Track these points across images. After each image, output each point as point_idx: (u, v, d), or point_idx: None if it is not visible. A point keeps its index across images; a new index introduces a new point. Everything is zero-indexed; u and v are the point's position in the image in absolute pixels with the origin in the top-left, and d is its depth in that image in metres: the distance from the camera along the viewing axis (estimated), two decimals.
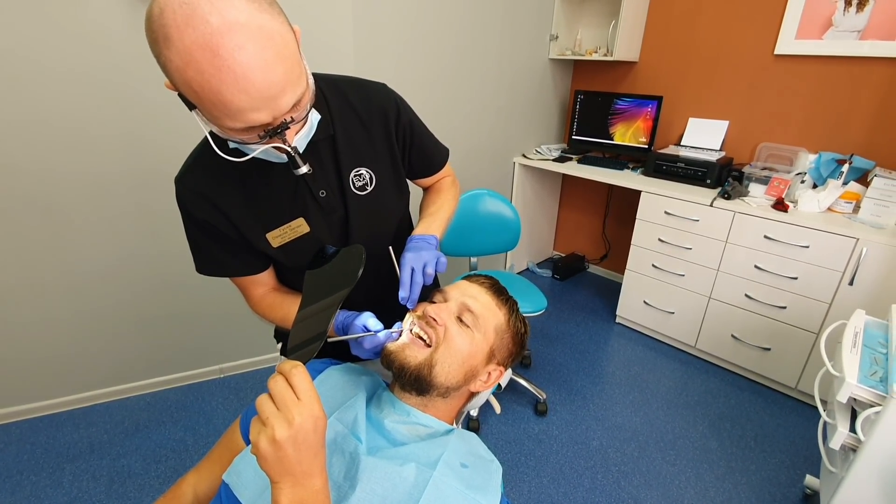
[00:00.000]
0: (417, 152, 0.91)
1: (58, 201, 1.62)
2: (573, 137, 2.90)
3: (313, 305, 0.66)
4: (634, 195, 2.38)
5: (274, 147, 0.62)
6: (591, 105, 2.77)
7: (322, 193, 0.79)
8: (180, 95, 0.57)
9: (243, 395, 2.03)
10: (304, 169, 0.65)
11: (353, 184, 0.81)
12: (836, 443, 1.21)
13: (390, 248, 0.82)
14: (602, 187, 3.06)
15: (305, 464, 0.51)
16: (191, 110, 0.59)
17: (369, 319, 0.74)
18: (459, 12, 2.22)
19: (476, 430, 1.87)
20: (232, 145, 0.67)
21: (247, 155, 0.64)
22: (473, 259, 2.17)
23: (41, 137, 1.53)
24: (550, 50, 2.79)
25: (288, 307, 0.83)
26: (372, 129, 0.83)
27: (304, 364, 0.54)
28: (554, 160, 2.79)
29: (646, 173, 2.48)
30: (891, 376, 1.14)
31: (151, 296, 1.89)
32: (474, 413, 1.89)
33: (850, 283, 1.83)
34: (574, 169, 2.67)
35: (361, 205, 0.83)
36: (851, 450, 1.21)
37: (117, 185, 1.68)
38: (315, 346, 0.59)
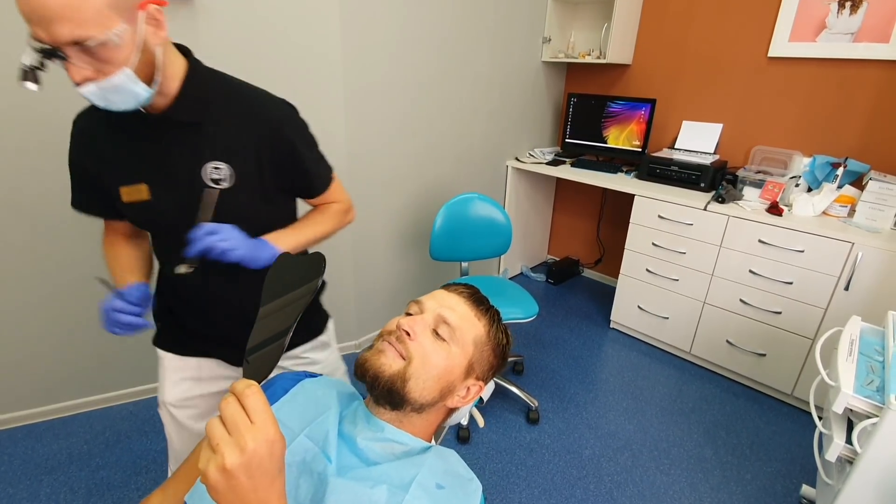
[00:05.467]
0: (295, 173, 0.94)
1: (35, 203, 1.58)
2: (567, 140, 2.88)
3: (268, 318, 0.62)
4: (628, 199, 2.36)
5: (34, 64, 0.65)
6: (585, 108, 2.75)
7: (170, 171, 0.84)
8: None
9: None
10: (31, 86, 0.66)
11: (209, 174, 0.84)
12: (831, 454, 1.18)
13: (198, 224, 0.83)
14: (596, 191, 3.04)
15: (262, 491, 0.47)
16: None
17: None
18: (451, 14, 2.20)
19: (466, 440, 1.83)
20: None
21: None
22: (465, 264, 2.14)
23: (13, 137, 1.49)
24: (543, 52, 2.77)
25: (115, 263, 0.96)
26: (248, 134, 0.86)
27: (260, 383, 0.50)
28: (547, 163, 2.76)
29: (639, 177, 2.46)
30: (888, 386, 1.11)
31: None
32: (464, 422, 1.85)
33: (846, 289, 1.80)
34: (568, 172, 2.64)
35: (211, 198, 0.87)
36: (848, 461, 1.18)
37: None
38: (268, 362, 0.58)
